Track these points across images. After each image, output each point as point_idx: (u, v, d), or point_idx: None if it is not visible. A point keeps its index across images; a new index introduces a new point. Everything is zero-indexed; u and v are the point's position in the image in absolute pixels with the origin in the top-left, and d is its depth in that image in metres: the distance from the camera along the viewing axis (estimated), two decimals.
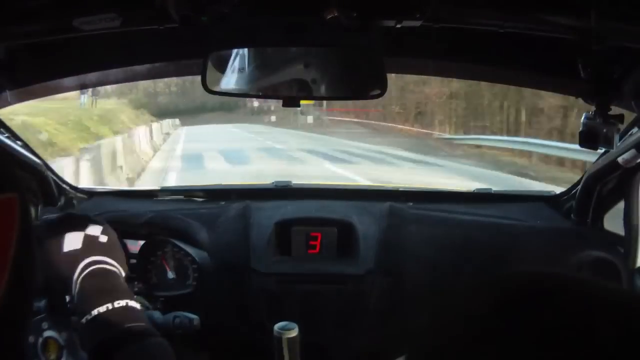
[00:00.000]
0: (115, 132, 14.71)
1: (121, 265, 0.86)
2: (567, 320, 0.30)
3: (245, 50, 1.05)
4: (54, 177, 1.51)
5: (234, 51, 1.06)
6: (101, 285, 0.80)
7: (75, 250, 0.82)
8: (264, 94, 1.09)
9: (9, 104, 1.16)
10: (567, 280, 0.34)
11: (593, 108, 1.04)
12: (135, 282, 1.37)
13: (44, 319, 0.83)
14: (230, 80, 1.08)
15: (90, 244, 0.84)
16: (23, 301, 0.43)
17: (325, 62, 1.08)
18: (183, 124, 26.76)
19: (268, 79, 1.06)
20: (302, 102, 1.08)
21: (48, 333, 0.83)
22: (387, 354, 1.35)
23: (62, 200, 1.56)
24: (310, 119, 23.92)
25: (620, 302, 0.32)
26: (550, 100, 13.83)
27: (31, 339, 0.82)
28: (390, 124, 21.91)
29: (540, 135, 13.55)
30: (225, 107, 33.11)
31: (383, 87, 1.03)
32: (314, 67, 1.05)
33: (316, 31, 1.01)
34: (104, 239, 0.85)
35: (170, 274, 1.38)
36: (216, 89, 1.08)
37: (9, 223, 0.40)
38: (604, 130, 1.02)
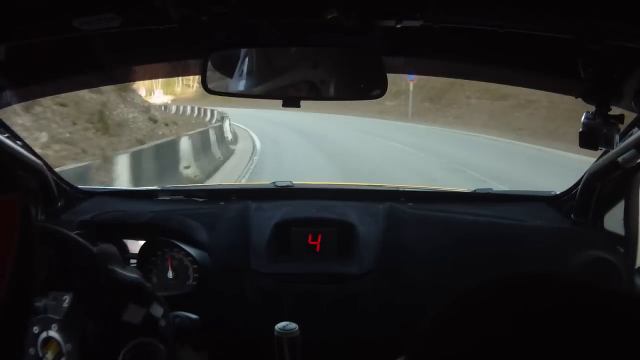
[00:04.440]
0: None
1: (169, 350, 0.86)
2: (567, 321, 0.30)
3: (247, 51, 1.05)
4: (54, 178, 1.51)
5: (235, 52, 1.06)
6: None
7: (133, 325, 0.82)
8: (265, 94, 1.09)
9: (9, 103, 1.16)
10: (567, 282, 0.34)
11: (593, 108, 1.04)
12: None
13: (52, 320, 0.83)
14: (230, 81, 1.08)
15: (150, 325, 0.84)
16: (24, 301, 0.43)
17: (325, 62, 1.07)
18: None
19: (269, 79, 1.06)
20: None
21: (52, 334, 0.82)
22: (387, 354, 1.35)
23: (63, 200, 1.56)
24: None
25: (621, 304, 0.32)
26: None
27: (35, 329, 0.82)
28: None
29: None
30: None
31: (383, 87, 1.03)
32: (315, 68, 1.05)
33: (316, 31, 1.01)
34: (163, 323, 0.85)
35: (171, 274, 1.38)
36: (216, 89, 1.08)
37: (11, 224, 0.40)
38: (604, 131, 1.02)
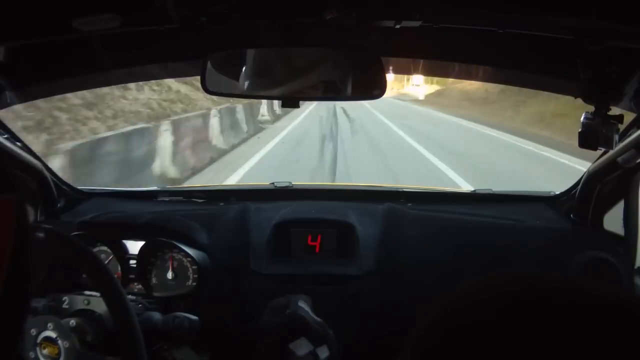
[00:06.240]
0: None
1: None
2: (565, 323, 0.30)
3: (247, 51, 1.05)
4: (53, 178, 1.51)
5: (235, 52, 1.06)
6: None
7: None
8: (264, 95, 1.09)
9: (9, 104, 1.16)
10: (564, 283, 0.34)
11: (593, 108, 1.04)
12: (135, 283, 1.37)
13: (48, 319, 0.83)
14: (230, 81, 1.08)
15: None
16: (20, 302, 0.43)
17: (325, 62, 1.07)
18: None
19: (268, 79, 1.06)
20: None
21: (49, 333, 0.82)
22: (387, 355, 1.35)
23: (62, 201, 1.56)
24: None
25: (618, 305, 0.32)
26: None
27: (33, 331, 0.82)
28: None
29: None
30: None
31: (383, 87, 1.03)
32: (314, 68, 1.05)
33: (316, 32, 1.01)
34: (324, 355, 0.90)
35: (170, 275, 1.38)
36: (215, 89, 1.08)
37: (6, 224, 0.40)
38: (604, 131, 1.02)
